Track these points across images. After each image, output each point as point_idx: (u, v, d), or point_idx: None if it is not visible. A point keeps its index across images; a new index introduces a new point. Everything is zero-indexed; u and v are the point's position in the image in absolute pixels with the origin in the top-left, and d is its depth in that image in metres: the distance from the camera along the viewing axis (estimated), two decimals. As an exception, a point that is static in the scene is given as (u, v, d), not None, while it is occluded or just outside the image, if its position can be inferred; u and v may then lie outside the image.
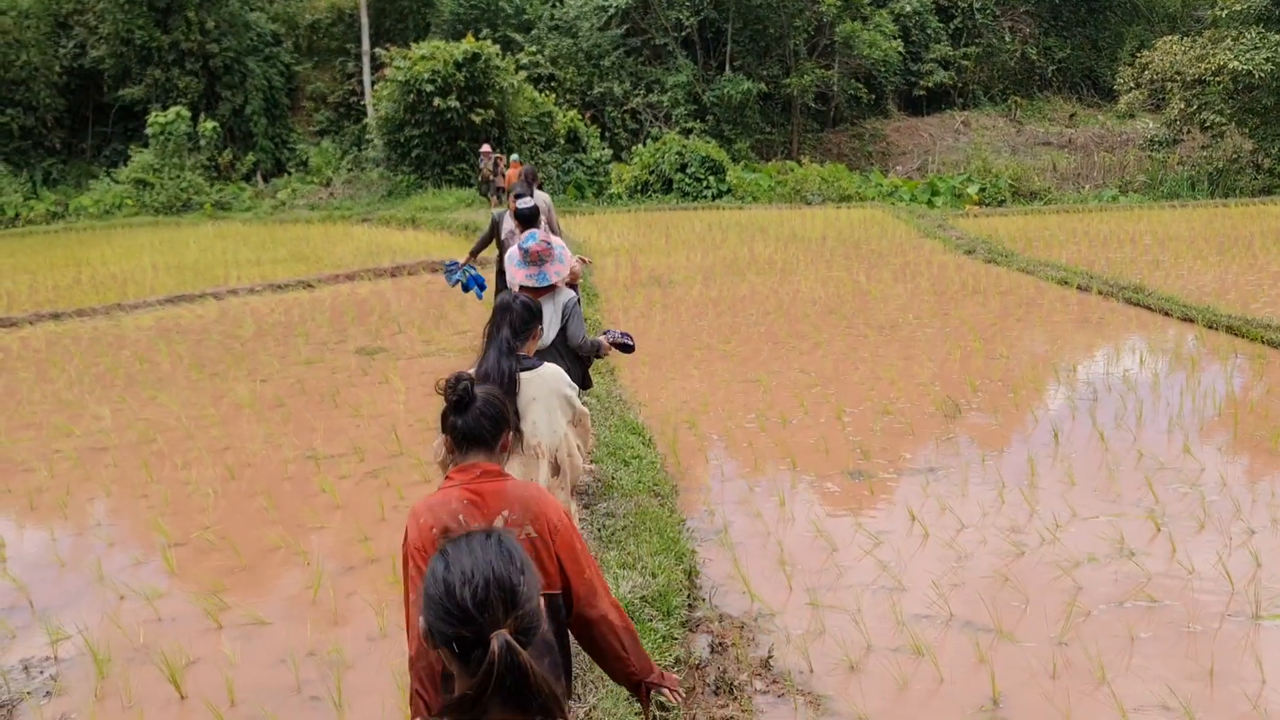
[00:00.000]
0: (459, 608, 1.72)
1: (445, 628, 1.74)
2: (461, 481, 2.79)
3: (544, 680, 1.71)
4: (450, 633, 1.73)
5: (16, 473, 7.81)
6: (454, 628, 1.72)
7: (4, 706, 4.55)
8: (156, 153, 31.09)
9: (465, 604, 1.71)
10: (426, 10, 36.76)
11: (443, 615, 1.74)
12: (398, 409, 9.05)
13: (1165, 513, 6.21)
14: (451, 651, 1.74)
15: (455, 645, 1.73)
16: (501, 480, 2.81)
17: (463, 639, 1.72)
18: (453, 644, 1.73)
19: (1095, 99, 41.96)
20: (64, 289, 16.56)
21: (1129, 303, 12.64)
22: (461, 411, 2.87)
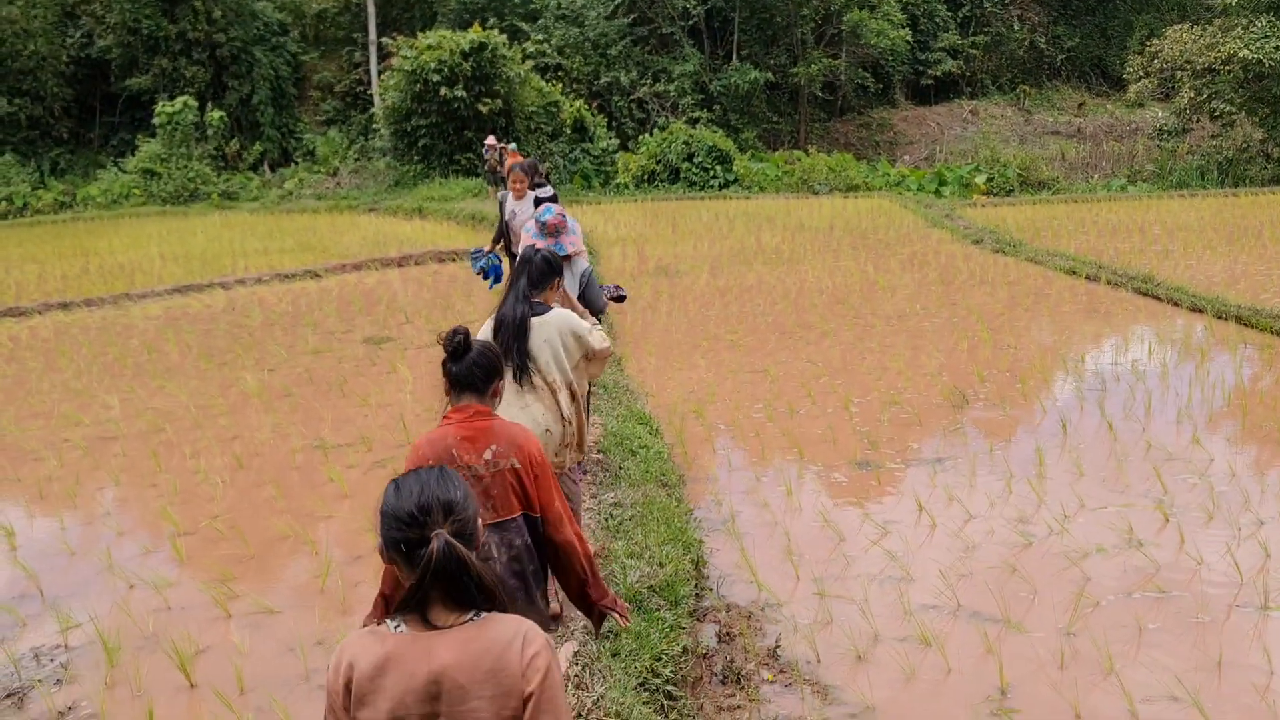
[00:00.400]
0: (405, 514, 2.05)
1: (394, 533, 2.06)
2: (457, 420, 3.25)
3: (484, 572, 2.00)
4: (399, 536, 2.05)
5: (26, 461, 7.83)
6: (401, 532, 2.05)
7: (15, 694, 4.57)
8: (164, 142, 31.12)
9: (410, 510, 2.04)
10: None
11: (392, 524, 2.07)
12: (405, 398, 9.06)
13: (1174, 503, 6.20)
14: (400, 553, 2.05)
15: (403, 547, 2.04)
16: (490, 420, 3.28)
17: (409, 540, 2.03)
18: (401, 546, 2.05)
19: (1104, 88, 41.80)
20: (72, 278, 16.59)
21: (1138, 293, 12.59)
22: (457, 360, 3.28)
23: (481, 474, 3.24)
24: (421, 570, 2.00)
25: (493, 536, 3.27)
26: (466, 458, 3.22)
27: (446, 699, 2.01)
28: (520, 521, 3.32)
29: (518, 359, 4.31)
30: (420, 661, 2.01)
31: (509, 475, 3.25)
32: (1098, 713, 4.15)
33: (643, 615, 4.58)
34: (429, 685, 2.01)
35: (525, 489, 3.28)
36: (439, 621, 2.05)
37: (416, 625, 2.06)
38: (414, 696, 2.01)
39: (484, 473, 3.24)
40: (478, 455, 3.23)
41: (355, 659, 2.05)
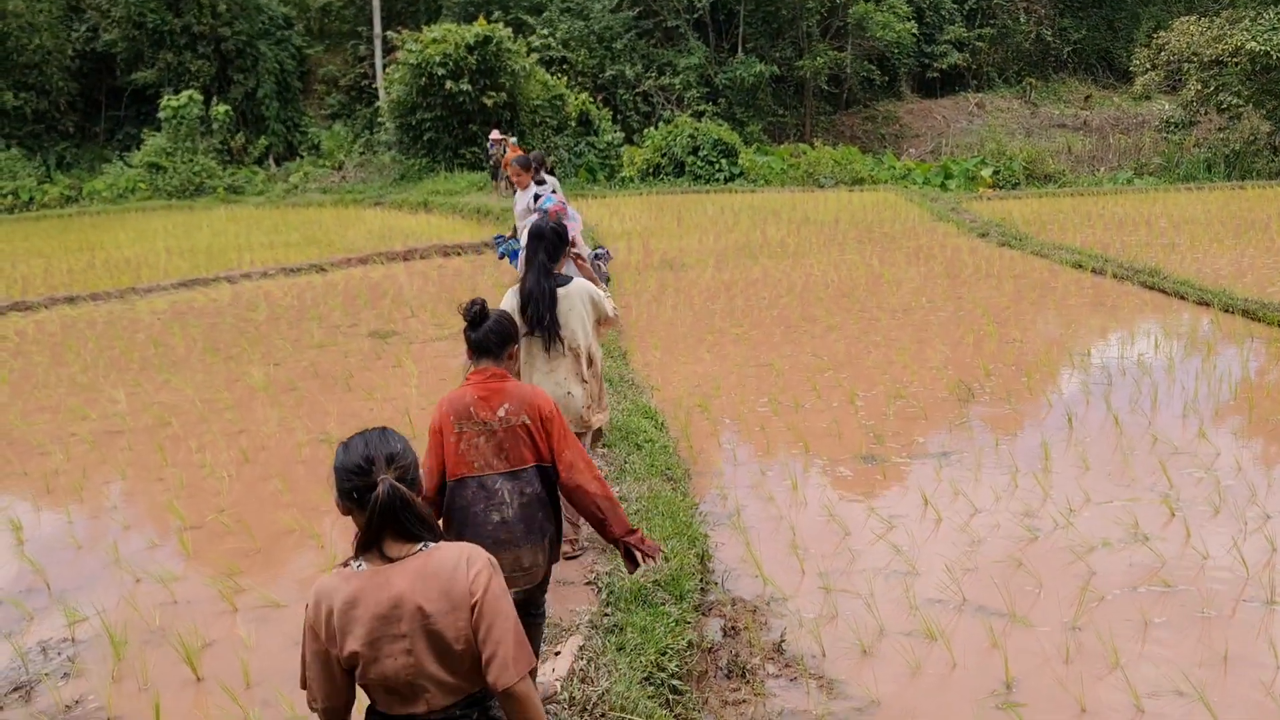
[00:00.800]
0: (354, 465, 2.34)
1: (346, 484, 2.35)
2: (475, 381, 3.63)
3: (424, 510, 2.36)
4: (350, 486, 2.34)
5: (33, 456, 7.86)
6: (352, 481, 2.34)
7: (22, 687, 4.59)
8: (169, 136, 31.13)
9: (358, 462, 2.33)
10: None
11: (344, 476, 2.36)
12: (410, 392, 9.07)
13: (1180, 497, 6.19)
14: (353, 500, 2.34)
15: (355, 494, 2.33)
16: (505, 381, 3.64)
17: (359, 488, 2.32)
18: (353, 494, 2.33)
19: (1111, 80, 41.64)
20: (78, 273, 16.62)
21: (1144, 286, 12.56)
22: (475, 328, 3.67)
23: (496, 429, 3.58)
24: (370, 511, 2.30)
25: (507, 484, 3.59)
26: (483, 414, 3.58)
27: (408, 619, 2.31)
28: (532, 472, 3.63)
29: (550, 328, 4.92)
30: (382, 590, 2.31)
31: (520, 430, 3.59)
32: (1103, 707, 4.15)
33: (648, 610, 4.59)
34: (392, 610, 2.31)
35: (536, 442, 3.61)
36: (393, 554, 2.34)
37: (375, 561, 2.35)
38: (381, 621, 2.31)
39: (498, 428, 3.58)
40: (492, 412, 3.58)
41: (330, 599, 2.33)
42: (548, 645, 4.39)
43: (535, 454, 3.62)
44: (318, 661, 2.40)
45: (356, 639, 2.31)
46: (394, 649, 2.32)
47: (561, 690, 4.01)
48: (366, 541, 2.34)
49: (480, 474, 3.59)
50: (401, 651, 2.33)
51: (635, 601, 4.65)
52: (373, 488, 2.32)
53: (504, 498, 3.59)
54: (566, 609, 4.77)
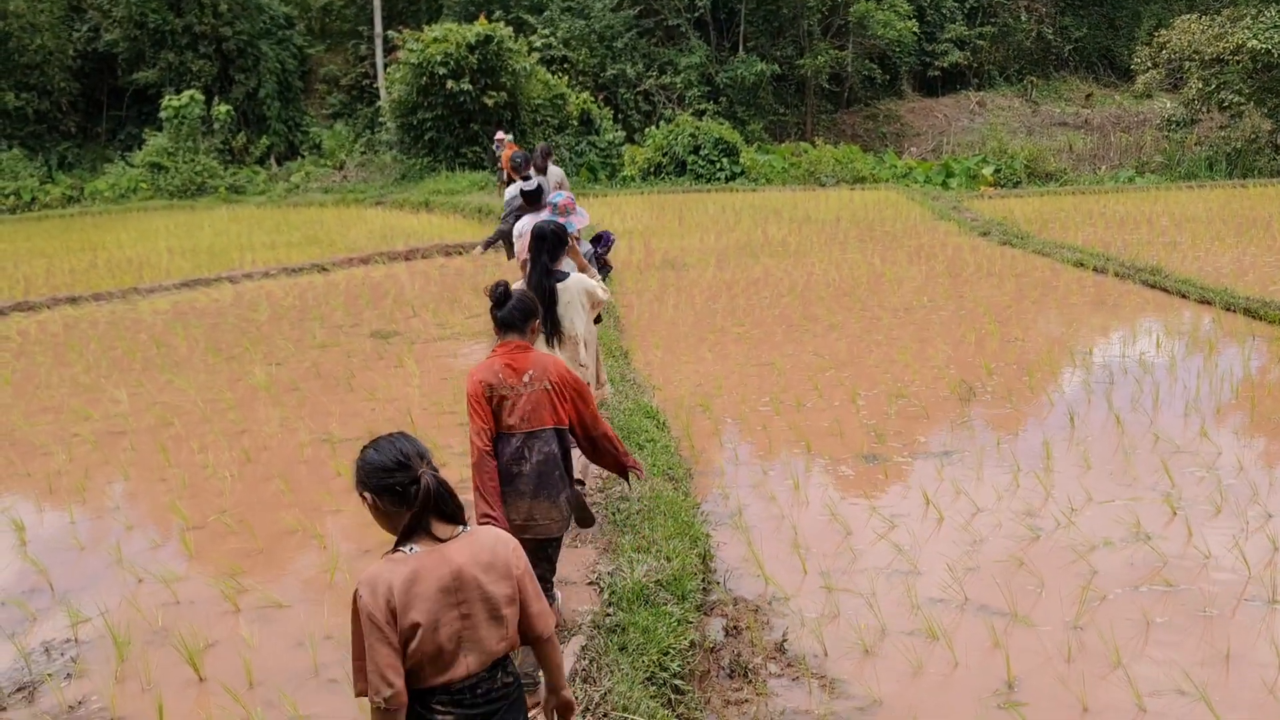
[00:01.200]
0: (394, 463, 2.63)
1: (388, 481, 2.62)
2: (502, 353, 4.15)
3: (456, 495, 2.70)
4: (391, 482, 2.62)
5: (36, 456, 7.87)
6: (394, 478, 2.62)
7: (26, 688, 4.60)
8: (170, 136, 31.14)
9: (397, 459, 2.63)
10: (438, -8, 36.68)
11: (383, 475, 2.63)
12: (412, 392, 9.08)
13: (1181, 496, 6.19)
14: (395, 494, 2.62)
15: (398, 489, 2.61)
16: (529, 352, 4.18)
17: (402, 483, 2.61)
18: (396, 489, 2.61)
19: (1112, 79, 41.61)
20: (80, 273, 16.64)
21: (1146, 285, 12.56)
22: (500, 307, 4.19)
23: (521, 393, 4.11)
24: (421, 500, 2.60)
25: (527, 443, 4.14)
26: (509, 380, 4.10)
27: (465, 589, 2.64)
28: (550, 433, 4.16)
29: (550, 324, 5.47)
30: (441, 565, 2.62)
31: (542, 394, 4.13)
32: (1105, 706, 4.16)
33: (650, 609, 4.59)
34: (453, 580, 2.62)
35: (556, 405, 4.14)
36: (442, 535, 2.64)
37: (427, 543, 2.63)
38: (445, 592, 2.62)
39: (523, 392, 4.11)
40: (518, 378, 4.11)
41: (389, 580, 2.56)
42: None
43: (554, 417, 4.15)
44: (383, 645, 2.54)
45: (420, 611, 2.56)
46: (451, 616, 2.60)
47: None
48: (411, 528, 2.62)
49: (507, 432, 4.14)
50: (458, 618, 2.63)
51: (637, 601, 4.66)
52: (415, 481, 2.61)
53: (525, 454, 4.14)
54: (569, 609, 4.77)
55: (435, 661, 2.61)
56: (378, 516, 2.72)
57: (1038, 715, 4.11)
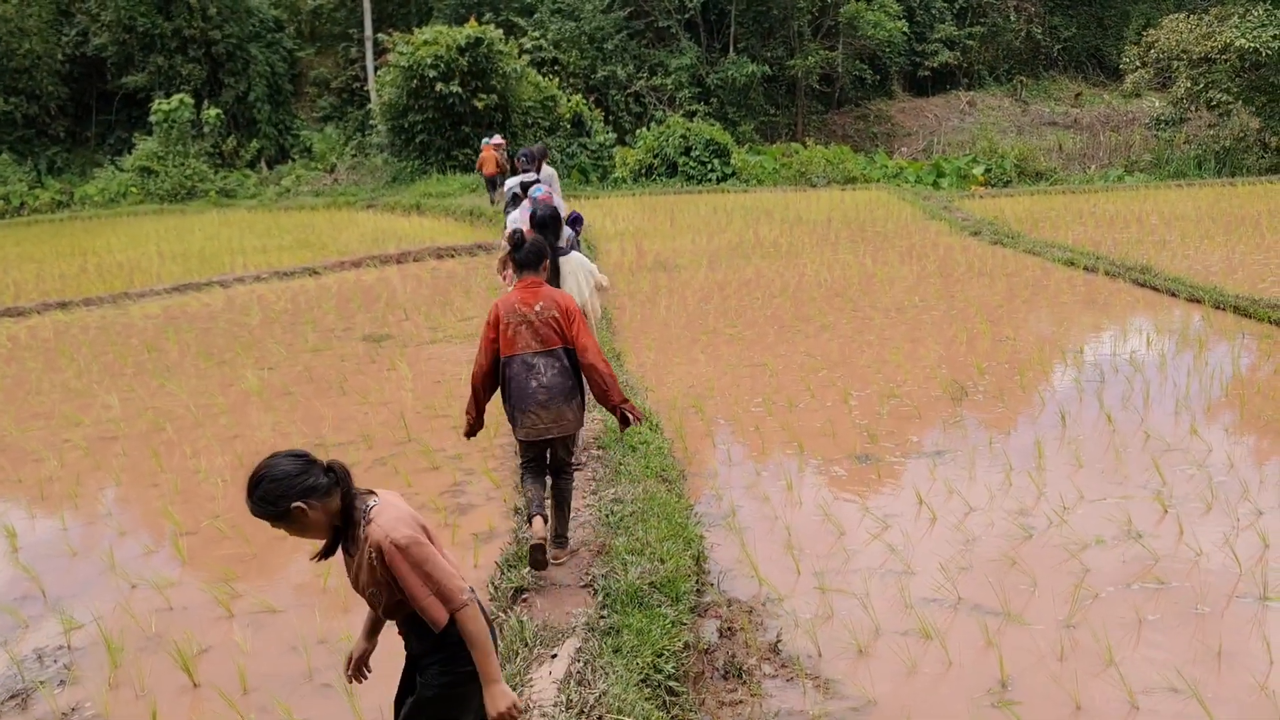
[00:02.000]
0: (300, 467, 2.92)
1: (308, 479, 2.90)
2: (519, 288, 5.14)
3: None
4: (310, 479, 2.90)
5: (27, 462, 7.85)
6: (310, 474, 2.91)
7: (19, 695, 4.59)
8: (161, 140, 31.07)
9: (301, 460, 2.96)
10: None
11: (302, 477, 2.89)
12: (405, 396, 9.07)
13: (1172, 494, 6.22)
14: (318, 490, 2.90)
15: (318, 482, 2.91)
16: (541, 287, 5.14)
17: (316, 475, 2.92)
18: (315, 484, 2.90)
19: (1101, 78, 41.79)
20: (71, 278, 16.59)
21: (1136, 283, 12.60)
22: (518, 251, 5.22)
23: (534, 320, 5.04)
24: (343, 473, 2.97)
25: (543, 360, 5.05)
26: (524, 310, 5.06)
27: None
28: (560, 351, 5.08)
29: None
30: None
31: (551, 321, 5.05)
32: (1098, 704, 4.17)
33: (644, 611, 4.59)
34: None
35: (562, 330, 5.06)
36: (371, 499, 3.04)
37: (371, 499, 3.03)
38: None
39: (535, 319, 5.04)
40: (531, 308, 5.05)
41: (407, 512, 3.06)
42: (544, 648, 4.39)
43: (562, 339, 5.07)
44: (440, 558, 2.99)
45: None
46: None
47: (559, 694, 4.02)
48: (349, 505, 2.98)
49: (523, 353, 5.04)
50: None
51: (631, 603, 4.66)
52: (327, 468, 2.96)
53: (540, 370, 5.04)
54: (563, 611, 4.78)
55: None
56: (309, 524, 2.91)
57: (1031, 714, 4.13)
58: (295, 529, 2.94)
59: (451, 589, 2.93)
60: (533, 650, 4.38)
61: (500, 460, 7.32)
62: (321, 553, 3.10)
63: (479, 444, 7.67)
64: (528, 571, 5.14)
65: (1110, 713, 4.13)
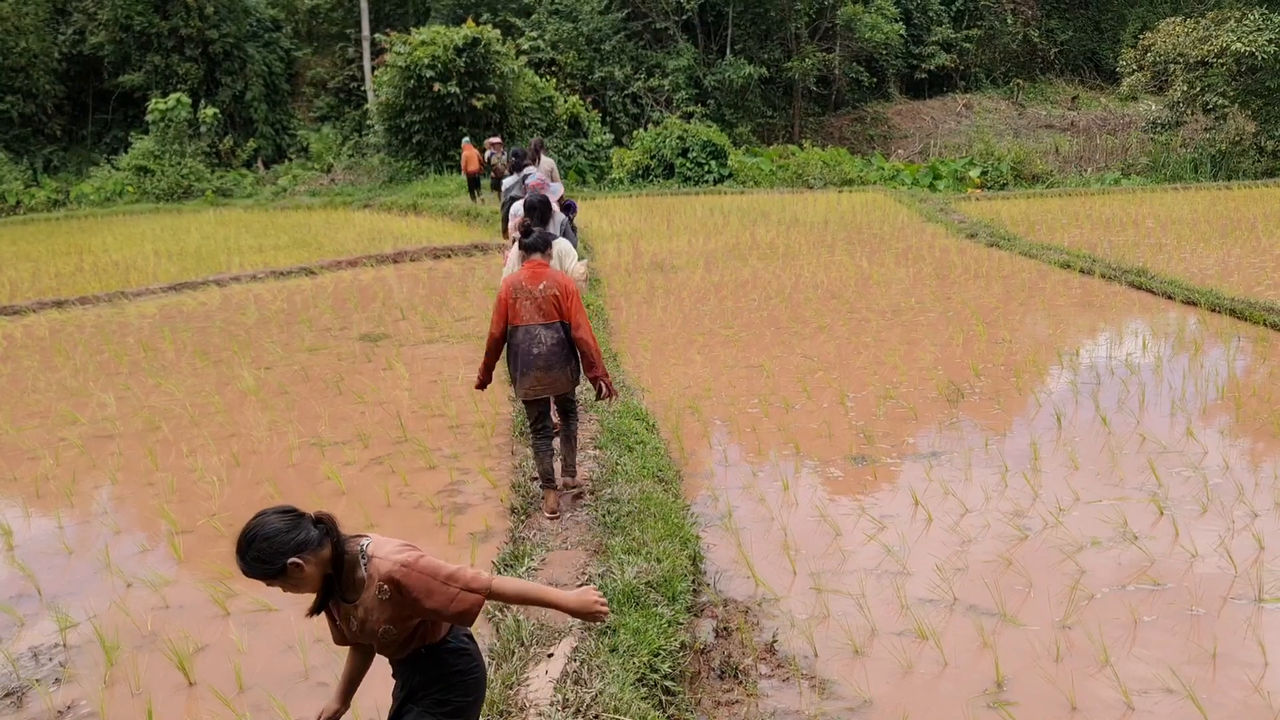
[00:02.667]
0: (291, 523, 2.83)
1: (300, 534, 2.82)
2: (527, 267, 5.94)
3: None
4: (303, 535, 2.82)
5: (22, 461, 7.83)
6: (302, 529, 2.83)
7: (14, 693, 4.58)
8: (157, 139, 31.05)
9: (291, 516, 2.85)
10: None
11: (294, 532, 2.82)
12: (402, 395, 9.07)
13: (1168, 496, 6.23)
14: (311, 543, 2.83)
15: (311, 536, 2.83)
16: (545, 268, 5.96)
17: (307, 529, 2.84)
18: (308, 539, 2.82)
19: (1098, 81, 41.86)
20: (66, 277, 16.57)
21: (1132, 286, 12.63)
22: (528, 237, 6.06)
23: (537, 296, 5.84)
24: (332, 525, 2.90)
25: (543, 331, 5.85)
26: (529, 287, 5.86)
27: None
28: (559, 324, 5.89)
29: None
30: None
31: (551, 298, 5.86)
32: (1093, 705, 4.18)
33: (640, 611, 4.60)
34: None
35: (560, 307, 5.86)
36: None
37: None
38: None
39: (538, 295, 5.84)
40: (535, 286, 5.87)
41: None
42: (540, 647, 4.39)
43: (560, 314, 5.87)
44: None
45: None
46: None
47: (555, 692, 4.02)
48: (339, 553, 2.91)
49: (527, 324, 5.86)
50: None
51: (628, 603, 4.66)
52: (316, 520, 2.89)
53: (541, 339, 5.85)
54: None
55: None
56: (304, 579, 2.85)
57: (1027, 714, 4.13)
58: (290, 585, 2.86)
59: (470, 576, 2.93)
60: (529, 649, 4.38)
61: (497, 460, 7.32)
62: (314, 607, 3.00)
63: (475, 444, 7.68)
64: (524, 571, 5.14)
65: (1106, 713, 4.14)
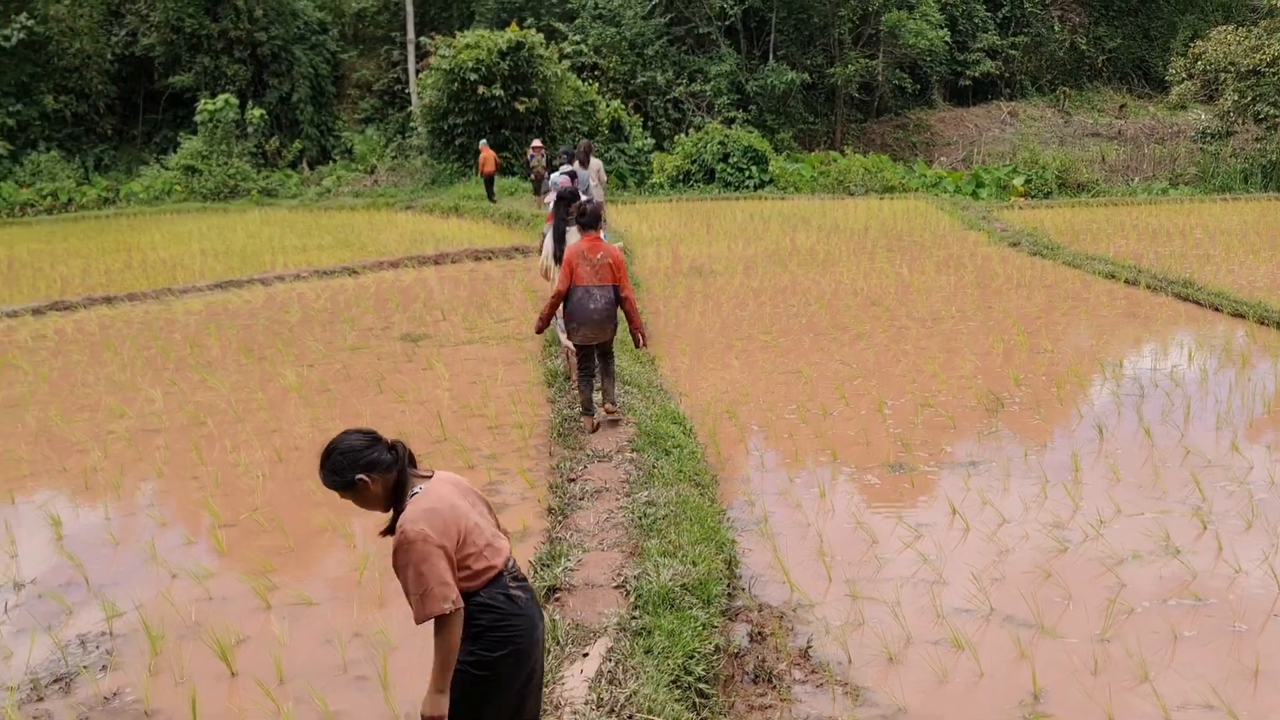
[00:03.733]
0: (368, 442, 3.19)
1: (372, 454, 3.16)
2: (585, 240, 7.36)
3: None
4: (374, 455, 3.16)
5: (72, 453, 8.00)
6: (375, 450, 3.17)
7: (62, 679, 4.69)
8: (205, 140, 31.51)
9: (369, 437, 3.20)
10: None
11: (367, 451, 3.16)
12: (441, 395, 9.16)
13: (1212, 511, 6.15)
14: (381, 465, 3.16)
15: (382, 458, 3.17)
16: (599, 241, 7.39)
17: (380, 451, 3.18)
18: (379, 459, 3.16)
19: (1146, 90, 41.27)
20: (116, 273, 16.88)
21: (1178, 297, 12.46)
22: (583, 216, 7.50)
23: (595, 263, 7.30)
24: (403, 453, 3.23)
25: (599, 291, 7.29)
26: (590, 255, 7.32)
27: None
28: (610, 287, 7.36)
29: (558, 250, 8.52)
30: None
31: (607, 265, 7.33)
32: (1131, 719, 4.14)
33: (675, 613, 4.62)
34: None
35: (614, 272, 7.35)
36: (424, 473, 3.31)
37: (421, 483, 3.25)
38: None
39: (596, 263, 7.31)
40: (594, 255, 7.33)
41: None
42: (575, 646, 4.43)
43: (612, 278, 7.35)
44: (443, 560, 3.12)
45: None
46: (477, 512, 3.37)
47: (590, 692, 4.05)
48: (401, 482, 3.21)
49: (587, 285, 7.31)
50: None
51: (663, 605, 4.69)
52: (391, 446, 3.23)
53: (597, 297, 7.31)
54: (595, 611, 4.81)
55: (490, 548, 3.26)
56: (370, 496, 3.16)
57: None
58: (359, 499, 3.17)
59: (434, 596, 3.03)
60: (564, 648, 4.42)
61: (535, 460, 7.38)
62: (387, 528, 3.26)
63: (514, 444, 7.73)
64: (560, 571, 5.18)
65: (1144, 728, 4.10)
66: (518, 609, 3.26)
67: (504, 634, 3.23)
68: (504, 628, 3.24)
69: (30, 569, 5.99)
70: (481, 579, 3.20)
